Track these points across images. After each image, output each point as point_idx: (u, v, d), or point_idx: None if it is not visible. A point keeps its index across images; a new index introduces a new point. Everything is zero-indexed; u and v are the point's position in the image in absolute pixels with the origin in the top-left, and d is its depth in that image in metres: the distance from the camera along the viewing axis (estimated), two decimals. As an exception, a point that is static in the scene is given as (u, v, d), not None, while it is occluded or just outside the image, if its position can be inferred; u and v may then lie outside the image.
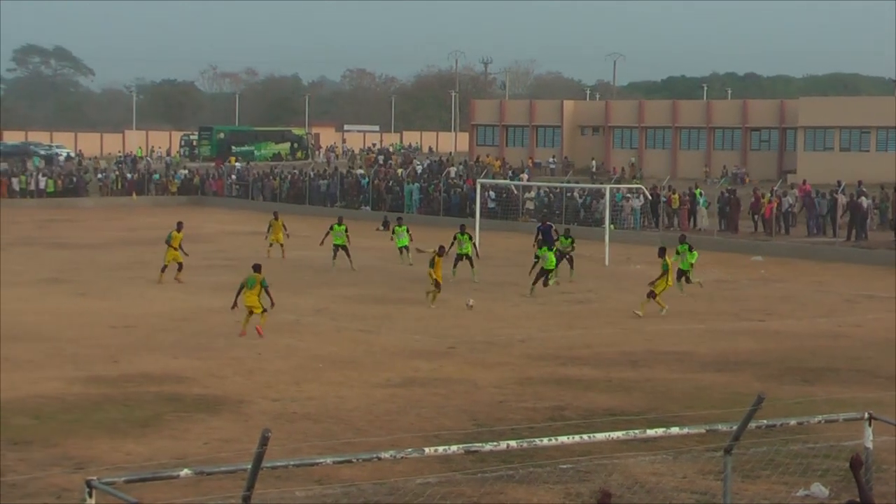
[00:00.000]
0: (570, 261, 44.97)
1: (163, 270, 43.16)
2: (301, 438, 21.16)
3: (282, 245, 51.40)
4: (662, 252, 37.78)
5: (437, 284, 38.29)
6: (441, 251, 38.89)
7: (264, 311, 32.36)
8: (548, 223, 49.86)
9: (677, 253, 40.71)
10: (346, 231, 47.78)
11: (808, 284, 44.82)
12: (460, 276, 43.73)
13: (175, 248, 43.56)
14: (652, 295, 36.70)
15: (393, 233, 51.14)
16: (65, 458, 20.26)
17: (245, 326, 32.32)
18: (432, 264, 38.39)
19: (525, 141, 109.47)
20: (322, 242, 49.03)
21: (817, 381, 27.22)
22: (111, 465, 19.32)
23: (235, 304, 32.72)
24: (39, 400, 24.65)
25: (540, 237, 48.37)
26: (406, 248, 49.34)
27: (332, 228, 48.18)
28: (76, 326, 33.82)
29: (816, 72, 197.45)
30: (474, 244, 45.17)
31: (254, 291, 32.29)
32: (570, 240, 45.29)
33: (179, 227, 44.46)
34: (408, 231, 49.89)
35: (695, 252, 41.09)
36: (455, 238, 44.89)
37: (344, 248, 47.46)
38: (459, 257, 44.64)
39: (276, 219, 52.40)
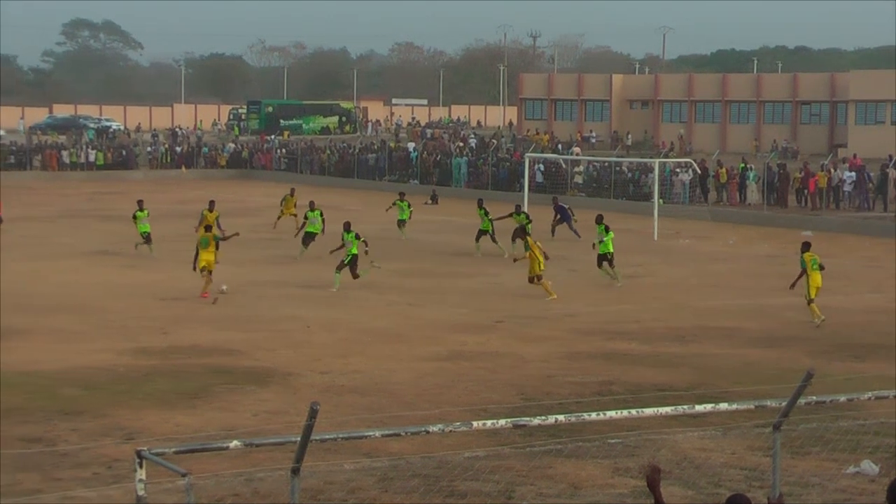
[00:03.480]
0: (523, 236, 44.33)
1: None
2: (349, 411, 21.23)
3: (294, 216, 50.84)
4: (806, 247, 32.19)
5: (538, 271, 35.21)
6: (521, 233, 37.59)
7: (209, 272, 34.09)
8: (560, 203, 50.13)
9: (599, 241, 37.62)
10: (322, 216, 43.62)
11: (859, 260, 44.51)
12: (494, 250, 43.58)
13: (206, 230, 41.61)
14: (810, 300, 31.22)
15: (394, 205, 49.83)
16: (115, 428, 20.41)
17: (207, 288, 33.82)
18: (526, 247, 35.85)
19: (574, 115, 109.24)
20: (297, 233, 45.00)
21: (867, 357, 27.05)
22: (161, 435, 19.47)
23: (195, 266, 34.49)
24: (89, 371, 24.84)
25: (558, 217, 48.65)
26: (404, 221, 49.19)
27: (306, 217, 43.95)
28: (125, 298, 34.04)
29: (868, 45, 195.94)
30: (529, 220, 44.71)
31: (209, 250, 34.21)
32: (521, 215, 44.63)
33: (211, 206, 42.93)
34: (409, 206, 49.59)
35: (611, 232, 37.58)
36: (511, 215, 44.49)
37: (314, 236, 43.15)
38: (483, 233, 44.54)
39: (292, 195, 52.43)
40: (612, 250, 37.56)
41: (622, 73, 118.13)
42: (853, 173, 61.40)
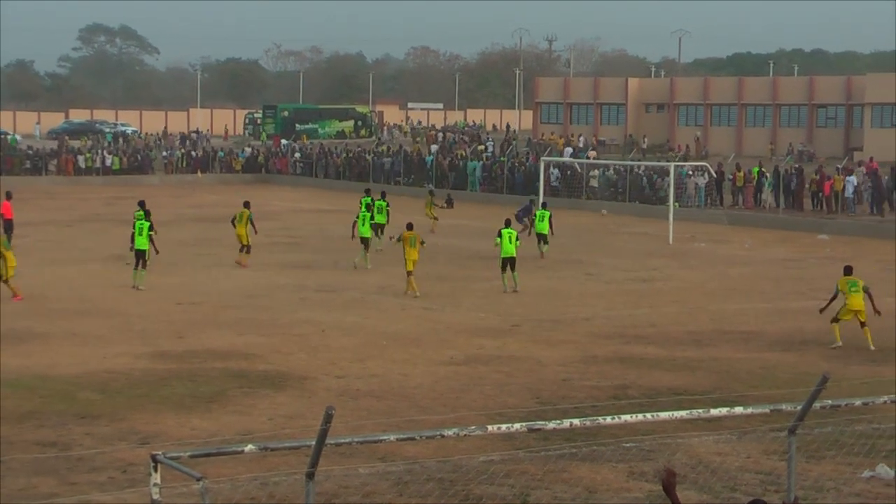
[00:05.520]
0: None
1: (247, 251, 41.85)
2: (365, 415, 21.24)
3: (436, 218, 52.30)
4: (846, 271, 29.69)
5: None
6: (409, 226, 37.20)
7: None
8: (530, 204, 50.47)
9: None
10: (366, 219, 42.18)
11: (875, 263, 44.31)
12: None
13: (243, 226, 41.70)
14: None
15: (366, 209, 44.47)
16: (131, 432, 20.45)
17: (16, 290, 34.23)
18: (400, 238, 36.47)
19: (590, 119, 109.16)
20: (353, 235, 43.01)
21: (884, 361, 26.98)
22: (177, 439, 19.48)
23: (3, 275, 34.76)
24: (107, 375, 24.89)
25: (521, 210, 49.30)
26: (382, 226, 45.42)
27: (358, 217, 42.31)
28: (143, 303, 34.10)
29: (884, 48, 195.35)
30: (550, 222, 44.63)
31: (10, 251, 34.81)
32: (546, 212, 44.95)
33: (246, 205, 43.01)
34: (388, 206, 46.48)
35: (507, 233, 36.70)
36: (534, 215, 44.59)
37: (368, 241, 41.92)
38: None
39: (432, 195, 52.28)
40: (514, 254, 36.77)
41: (638, 77, 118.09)
42: (853, 177, 61.14)
